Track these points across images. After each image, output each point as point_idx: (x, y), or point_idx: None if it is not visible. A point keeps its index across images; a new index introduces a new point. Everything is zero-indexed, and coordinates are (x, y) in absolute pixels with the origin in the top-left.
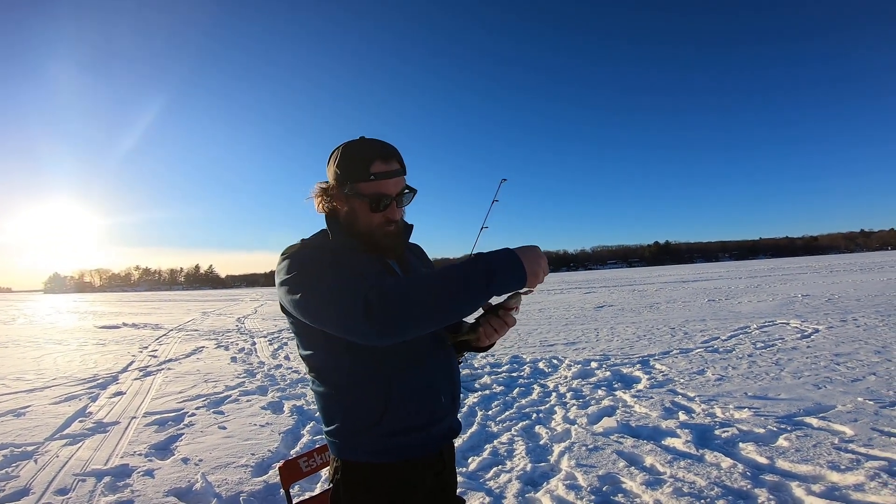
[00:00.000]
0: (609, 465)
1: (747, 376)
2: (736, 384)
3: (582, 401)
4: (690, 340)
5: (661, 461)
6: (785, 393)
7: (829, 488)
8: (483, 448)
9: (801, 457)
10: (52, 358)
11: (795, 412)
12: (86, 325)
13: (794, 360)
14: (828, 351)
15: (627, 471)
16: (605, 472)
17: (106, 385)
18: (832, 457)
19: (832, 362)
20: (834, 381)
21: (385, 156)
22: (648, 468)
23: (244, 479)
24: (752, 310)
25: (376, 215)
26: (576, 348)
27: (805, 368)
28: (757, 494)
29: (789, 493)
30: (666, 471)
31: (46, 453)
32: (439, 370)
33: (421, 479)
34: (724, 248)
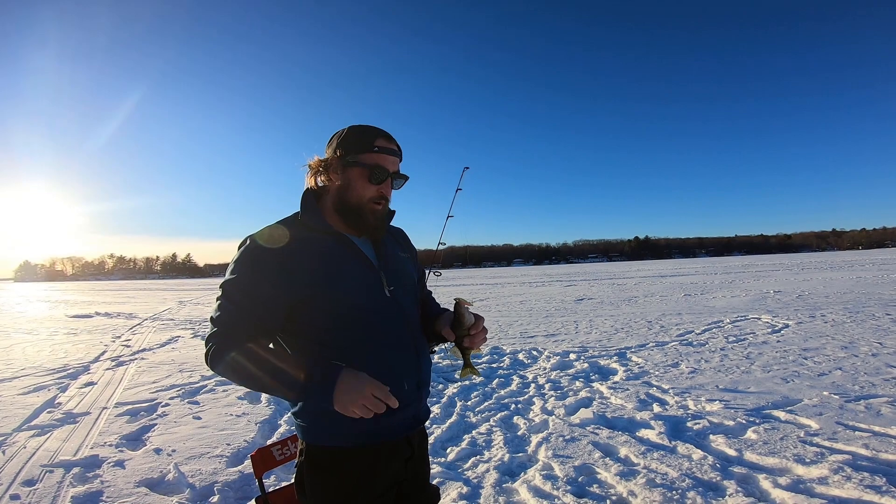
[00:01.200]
0: (585, 455)
1: (719, 369)
2: (708, 377)
3: (560, 392)
4: (666, 334)
5: (635, 452)
6: (754, 386)
7: (794, 481)
8: (462, 438)
9: (768, 450)
10: (22, 348)
11: (764, 405)
12: (57, 315)
13: (763, 355)
14: (796, 346)
15: (602, 462)
16: (581, 463)
17: (76, 375)
18: (798, 450)
19: (800, 357)
20: (801, 375)
21: (388, 137)
22: (623, 459)
23: (219, 469)
24: (726, 305)
25: (371, 187)
26: (555, 340)
27: (774, 362)
28: (726, 486)
29: (756, 485)
30: (640, 462)
31: (14, 444)
32: (404, 358)
33: (385, 465)
34: (702, 244)
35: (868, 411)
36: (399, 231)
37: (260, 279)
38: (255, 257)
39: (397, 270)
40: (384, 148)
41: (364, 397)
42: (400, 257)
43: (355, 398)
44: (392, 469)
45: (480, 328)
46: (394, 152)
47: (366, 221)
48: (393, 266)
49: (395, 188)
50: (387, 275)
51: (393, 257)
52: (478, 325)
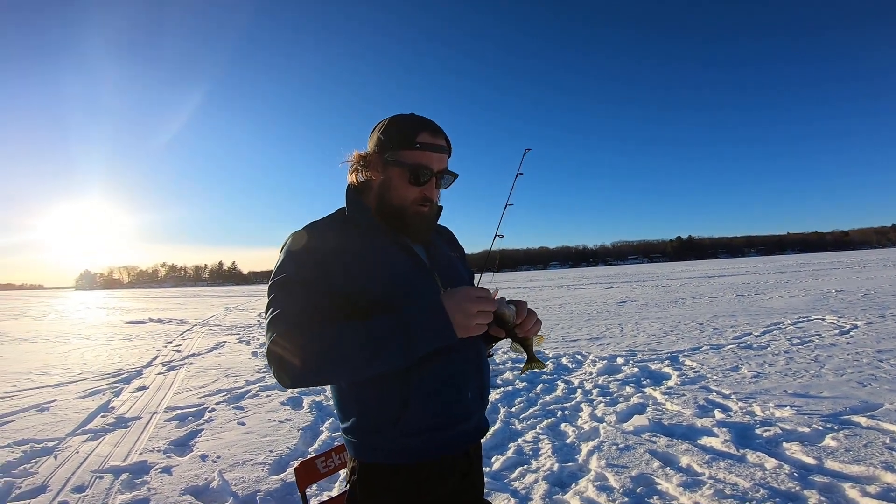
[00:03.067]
0: (642, 465)
1: (785, 373)
2: (774, 381)
3: (609, 398)
4: (721, 336)
5: (698, 461)
6: (828, 391)
7: (885, 489)
8: (507, 447)
9: (851, 457)
10: (80, 353)
11: (841, 410)
12: (113, 321)
13: (834, 357)
14: (869, 348)
15: (662, 471)
16: (638, 473)
17: (130, 380)
18: (885, 457)
19: (875, 359)
20: (879, 378)
21: (434, 130)
22: (685, 468)
23: (261, 477)
24: (785, 305)
25: (413, 189)
26: (600, 344)
27: (847, 365)
28: (807, 496)
29: (842, 494)
30: (704, 471)
31: (67, 449)
32: (465, 363)
33: (444, 482)
34: (750, 242)
35: None
36: (445, 230)
37: (307, 278)
38: (303, 250)
39: (450, 271)
40: (428, 144)
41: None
42: (450, 257)
43: (471, 311)
44: (451, 486)
45: (525, 314)
46: (440, 148)
47: (409, 225)
48: (445, 267)
49: (441, 188)
50: (440, 275)
51: (444, 258)
52: (521, 313)
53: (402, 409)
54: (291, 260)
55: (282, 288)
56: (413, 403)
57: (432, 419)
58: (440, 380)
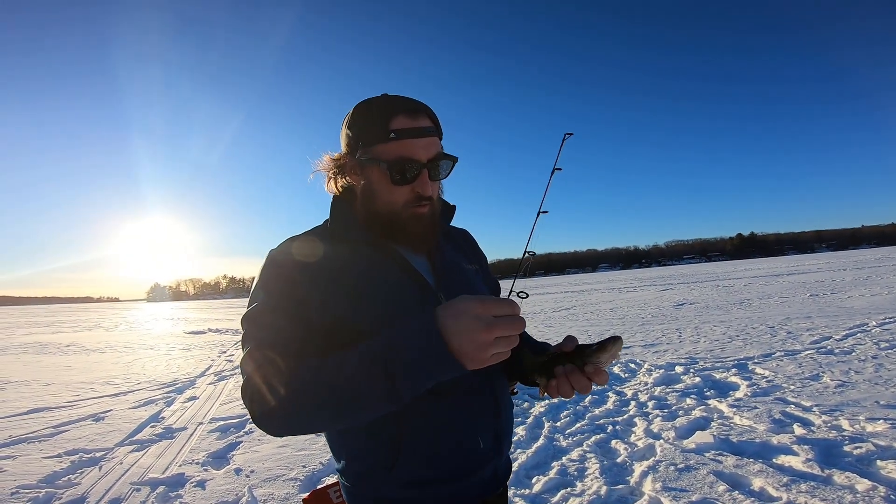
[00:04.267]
0: (705, 488)
1: (876, 382)
2: (863, 391)
3: (667, 411)
4: (796, 341)
5: (774, 483)
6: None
7: None
8: (550, 466)
9: None
10: (142, 363)
11: None
12: (176, 331)
13: None
14: None
15: (730, 496)
16: (700, 498)
17: (183, 389)
18: None
19: None
20: None
21: (411, 110)
22: (757, 492)
23: (291, 493)
24: (867, 304)
25: (401, 189)
26: (656, 351)
27: None
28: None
29: None
30: (782, 495)
31: (112, 460)
32: (475, 403)
33: None
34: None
35: None
36: (462, 233)
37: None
38: (273, 282)
39: (462, 289)
40: (406, 130)
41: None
42: (464, 270)
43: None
44: None
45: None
46: (423, 132)
47: (409, 234)
48: (456, 284)
49: (439, 179)
50: (448, 297)
51: (455, 272)
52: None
53: (396, 457)
54: (263, 287)
55: (253, 322)
56: (406, 450)
57: (432, 471)
58: (437, 424)
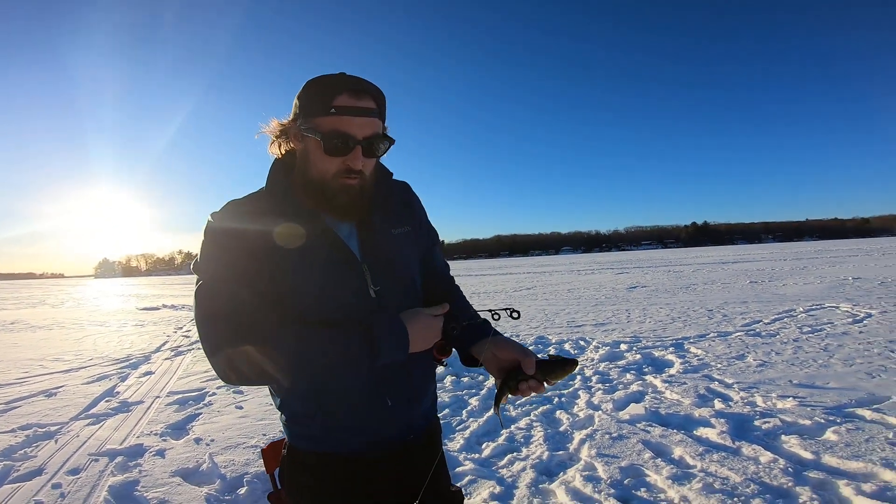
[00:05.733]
0: (633, 455)
1: (792, 362)
2: (780, 371)
3: (608, 385)
4: (730, 323)
5: (691, 453)
6: (834, 381)
7: (881, 488)
8: (499, 433)
9: (850, 452)
10: (93, 339)
11: (846, 402)
12: (128, 308)
13: (844, 347)
14: (882, 337)
15: (653, 463)
16: (628, 464)
17: (137, 365)
18: (885, 453)
19: (887, 349)
20: (889, 369)
21: (356, 90)
22: (677, 461)
23: (251, 460)
24: (798, 292)
25: (333, 160)
26: (605, 329)
27: (857, 355)
28: (798, 493)
29: (835, 491)
30: (696, 464)
31: (68, 433)
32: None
33: (370, 476)
34: (768, 229)
35: None
36: (398, 189)
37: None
38: (218, 241)
39: (387, 261)
40: (346, 108)
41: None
42: (393, 237)
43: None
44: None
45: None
46: (363, 111)
47: (336, 202)
48: (382, 255)
49: (371, 156)
50: (372, 269)
51: (382, 242)
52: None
53: (316, 410)
54: (209, 259)
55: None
56: (326, 406)
57: (347, 423)
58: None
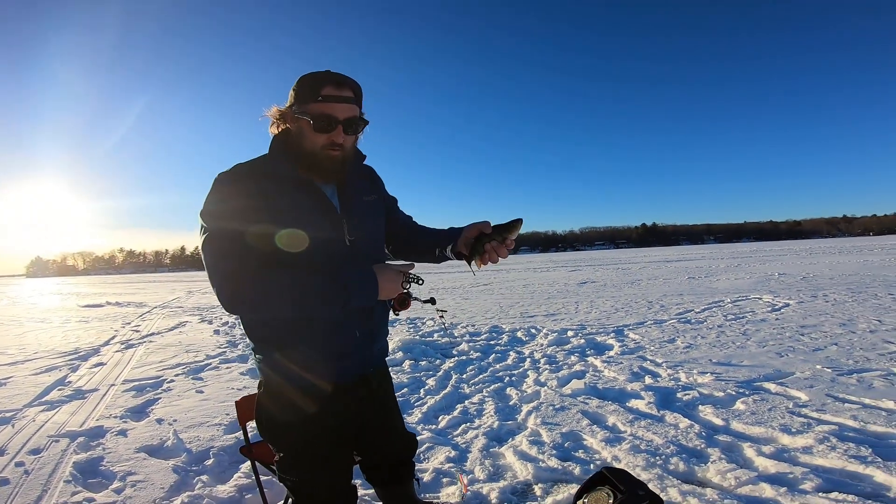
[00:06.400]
0: (573, 423)
1: (714, 345)
2: (703, 352)
3: (555, 366)
4: (665, 312)
5: (622, 420)
6: (748, 360)
7: (778, 450)
8: (454, 408)
9: (755, 419)
10: (35, 335)
11: (755, 377)
12: (69, 305)
13: (760, 331)
14: (795, 323)
15: (590, 429)
16: (569, 430)
17: (87, 357)
18: (785, 420)
19: (797, 333)
20: (796, 350)
21: (338, 82)
22: (610, 427)
23: (216, 435)
24: (729, 286)
25: (320, 136)
26: (555, 319)
27: (770, 338)
28: (710, 454)
29: (740, 453)
30: (626, 429)
31: (24, 418)
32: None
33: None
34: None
35: (860, 384)
36: (366, 169)
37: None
38: (223, 197)
39: (361, 218)
40: (331, 96)
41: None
42: (364, 202)
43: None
44: (343, 407)
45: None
46: (344, 99)
47: (322, 168)
48: (357, 213)
49: (351, 133)
50: (349, 223)
51: (357, 204)
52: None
53: (295, 341)
54: (216, 208)
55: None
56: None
57: (319, 352)
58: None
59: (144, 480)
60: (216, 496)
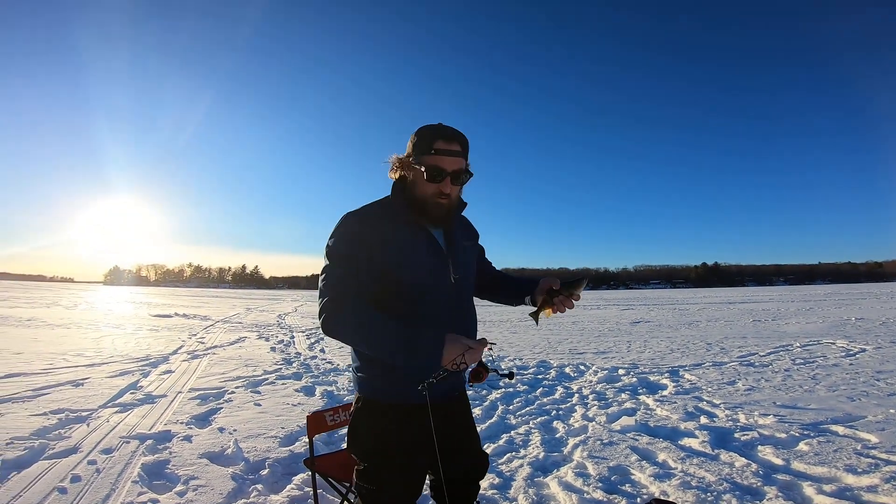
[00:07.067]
0: (621, 458)
1: (779, 388)
2: (766, 394)
3: (604, 402)
4: (726, 355)
5: (673, 458)
6: (815, 404)
7: (840, 489)
8: (500, 437)
9: (818, 460)
10: (111, 339)
11: (822, 420)
12: (141, 314)
13: (832, 376)
14: (870, 368)
15: (639, 464)
16: (616, 464)
17: (157, 364)
18: (851, 461)
19: (872, 378)
20: (870, 395)
21: (448, 137)
22: (660, 463)
23: (272, 447)
24: (799, 330)
25: (431, 185)
26: (605, 357)
27: (842, 383)
28: (766, 492)
29: (799, 492)
30: (677, 466)
31: (98, 419)
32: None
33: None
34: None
35: None
36: (464, 219)
37: (353, 255)
38: (349, 234)
39: (463, 260)
40: (442, 150)
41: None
42: (465, 246)
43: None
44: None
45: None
46: (453, 153)
47: (430, 214)
48: (460, 256)
49: (458, 184)
50: (454, 263)
51: (461, 247)
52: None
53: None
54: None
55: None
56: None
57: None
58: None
59: (205, 485)
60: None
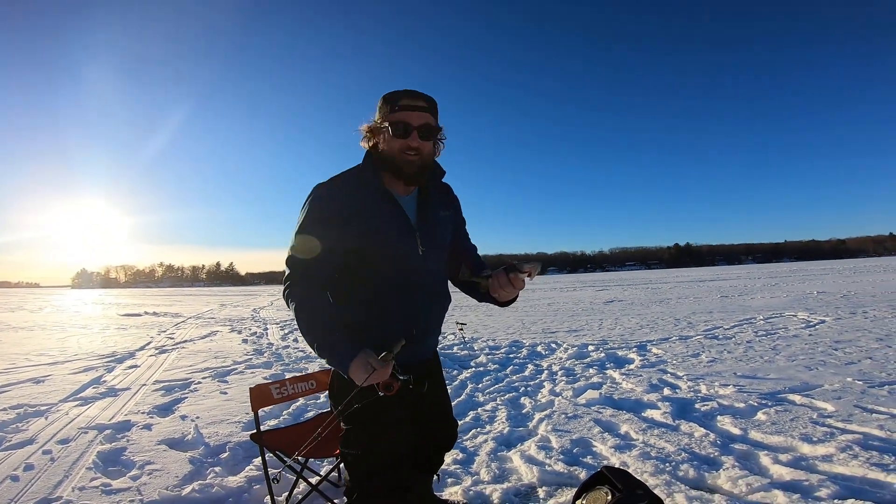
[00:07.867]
0: (584, 430)
1: (740, 359)
2: (727, 365)
3: (572, 377)
4: (692, 329)
5: (635, 429)
6: (774, 373)
7: (796, 458)
8: (467, 414)
9: (775, 429)
10: (76, 339)
11: (780, 390)
12: (109, 314)
13: (791, 346)
14: (829, 338)
15: (601, 436)
16: (579, 437)
17: (123, 360)
18: (807, 430)
19: (830, 348)
20: (827, 363)
21: (412, 95)
22: (622, 435)
23: (234, 432)
24: (763, 304)
25: (398, 141)
26: (576, 335)
27: (801, 353)
28: (723, 461)
29: (756, 461)
30: (638, 437)
31: (58, 412)
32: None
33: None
34: (749, 250)
35: (891, 395)
36: (444, 186)
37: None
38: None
39: (434, 233)
40: (406, 105)
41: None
42: (440, 217)
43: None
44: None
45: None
46: (418, 108)
47: (402, 172)
48: (431, 228)
49: (426, 139)
50: (422, 236)
51: (433, 219)
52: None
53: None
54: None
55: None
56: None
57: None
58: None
59: (161, 469)
60: (226, 485)
